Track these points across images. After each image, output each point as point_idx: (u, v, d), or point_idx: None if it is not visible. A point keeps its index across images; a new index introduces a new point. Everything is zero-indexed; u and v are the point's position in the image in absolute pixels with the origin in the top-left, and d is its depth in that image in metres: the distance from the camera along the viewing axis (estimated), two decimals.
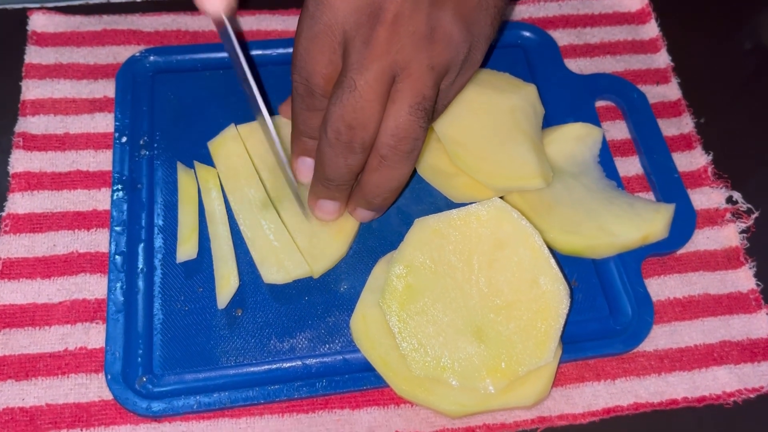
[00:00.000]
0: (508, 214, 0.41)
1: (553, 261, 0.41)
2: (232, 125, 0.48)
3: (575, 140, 0.50)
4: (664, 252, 0.47)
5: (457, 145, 0.46)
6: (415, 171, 0.48)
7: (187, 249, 0.44)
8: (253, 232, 0.44)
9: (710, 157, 0.51)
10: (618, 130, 0.53)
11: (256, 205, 0.45)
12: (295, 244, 0.44)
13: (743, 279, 0.47)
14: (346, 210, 0.45)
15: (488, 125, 0.47)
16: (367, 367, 0.41)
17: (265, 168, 0.47)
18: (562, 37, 0.56)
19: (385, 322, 0.41)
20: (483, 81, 0.49)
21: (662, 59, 0.56)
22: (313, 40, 0.40)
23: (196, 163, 0.47)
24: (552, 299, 0.40)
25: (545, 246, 0.41)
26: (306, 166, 0.44)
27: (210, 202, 0.46)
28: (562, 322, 0.40)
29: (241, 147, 0.47)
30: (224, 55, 0.52)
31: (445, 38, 0.39)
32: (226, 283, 0.43)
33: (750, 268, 0.47)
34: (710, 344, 0.45)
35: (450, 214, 0.42)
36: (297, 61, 0.41)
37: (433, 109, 0.41)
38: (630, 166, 0.51)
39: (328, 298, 0.44)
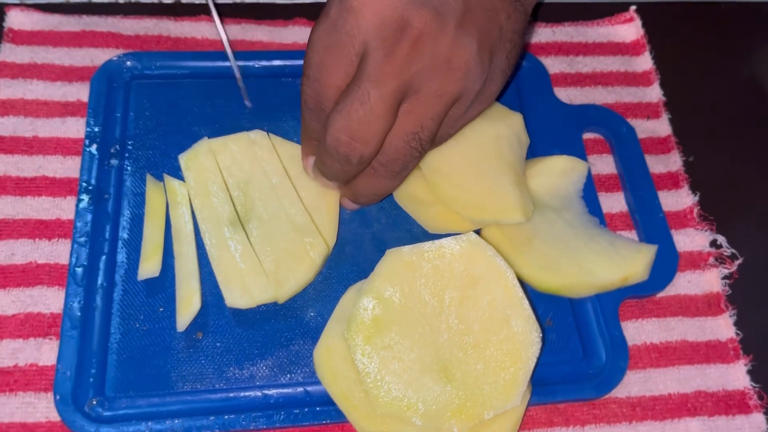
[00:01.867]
0: (483, 250, 0.40)
1: (526, 302, 0.39)
2: (205, 138, 0.46)
3: (559, 174, 0.48)
4: (643, 294, 0.46)
5: (436, 172, 0.45)
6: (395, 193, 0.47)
7: (149, 266, 0.42)
8: (218, 251, 0.43)
9: (697, 198, 0.50)
10: (604, 164, 0.51)
11: (224, 224, 0.44)
12: (261, 267, 0.42)
13: (723, 327, 0.46)
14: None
15: (470, 153, 0.46)
16: (328, 401, 0.40)
17: (235, 185, 0.45)
18: (554, 65, 0.55)
19: (350, 355, 0.40)
20: None
21: (654, 93, 0.55)
22: (330, 49, 0.38)
23: (166, 176, 0.46)
24: (523, 341, 0.39)
25: (519, 286, 0.39)
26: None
27: (177, 217, 0.44)
28: (532, 365, 0.39)
29: (212, 162, 0.45)
30: (205, 63, 0.51)
31: (464, 67, 0.38)
32: (187, 305, 0.41)
33: (730, 316, 0.46)
34: (685, 394, 0.43)
35: (422, 246, 0.40)
36: (310, 72, 0.39)
37: (431, 139, 0.40)
38: (614, 202, 0.50)
39: (293, 324, 0.43)
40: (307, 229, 0.44)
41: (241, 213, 0.44)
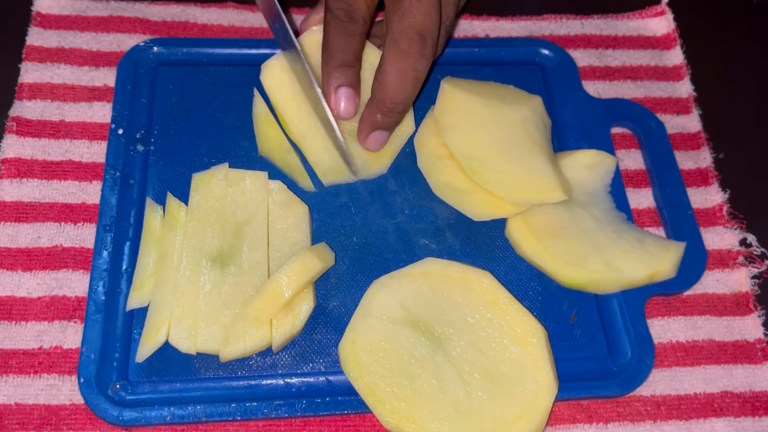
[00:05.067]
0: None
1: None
2: (225, 165, 0.45)
3: (587, 168, 0.48)
4: (670, 292, 0.45)
5: (472, 159, 0.45)
6: (419, 183, 0.47)
7: (140, 296, 0.41)
8: (187, 282, 0.41)
9: (727, 195, 0.49)
10: (632, 160, 0.50)
11: (205, 257, 0.42)
12: (219, 316, 0.40)
13: (751, 327, 0.45)
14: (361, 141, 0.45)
15: (501, 138, 0.46)
16: (350, 391, 0.40)
17: (234, 222, 0.43)
18: (582, 58, 0.54)
19: (375, 349, 0.39)
20: (488, 93, 0.48)
21: (685, 88, 0.54)
22: None
23: (168, 196, 0.44)
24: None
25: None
26: (348, 98, 0.44)
27: (168, 240, 0.42)
28: None
29: (223, 191, 0.44)
30: (232, 51, 0.51)
31: None
32: (154, 335, 0.40)
33: (759, 317, 0.45)
34: (711, 394, 0.43)
35: None
36: None
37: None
38: (642, 198, 0.49)
39: (316, 313, 0.42)
40: None
41: (226, 253, 0.42)
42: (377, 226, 0.46)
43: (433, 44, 0.42)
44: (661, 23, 0.56)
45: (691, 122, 0.52)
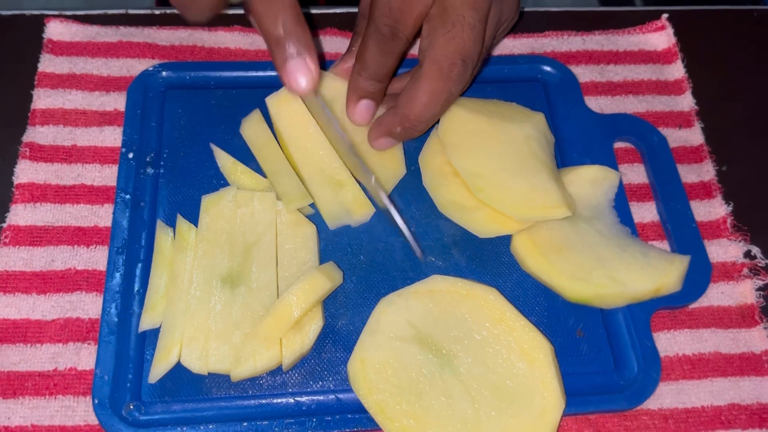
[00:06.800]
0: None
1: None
2: (234, 187, 0.46)
3: (591, 183, 0.48)
4: (675, 305, 0.45)
5: (476, 177, 0.45)
6: (424, 201, 0.48)
7: (152, 317, 0.42)
8: (198, 303, 0.41)
9: (730, 208, 0.49)
10: (636, 174, 0.51)
11: (215, 277, 0.42)
12: (229, 336, 0.41)
13: (757, 339, 0.45)
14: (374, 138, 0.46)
15: (505, 155, 0.46)
16: (360, 409, 0.40)
17: (243, 243, 0.44)
18: (584, 74, 0.55)
19: (384, 367, 0.40)
20: (492, 111, 0.49)
21: (686, 102, 0.54)
22: None
23: (178, 218, 0.45)
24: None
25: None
26: (367, 110, 0.45)
27: (179, 262, 0.43)
28: None
29: (232, 212, 0.44)
30: (239, 73, 0.52)
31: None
32: (165, 356, 0.40)
33: (765, 328, 0.45)
34: (718, 406, 0.43)
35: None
36: (390, 1, 0.41)
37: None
38: (646, 212, 0.49)
39: (324, 332, 0.43)
40: None
41: (235, 273, 0.43)
42: (384, 244, 0.46)
43: (471, 72, 0.43)
44: (661, 38, 0.57)
45: (694, 135, 0.53)
